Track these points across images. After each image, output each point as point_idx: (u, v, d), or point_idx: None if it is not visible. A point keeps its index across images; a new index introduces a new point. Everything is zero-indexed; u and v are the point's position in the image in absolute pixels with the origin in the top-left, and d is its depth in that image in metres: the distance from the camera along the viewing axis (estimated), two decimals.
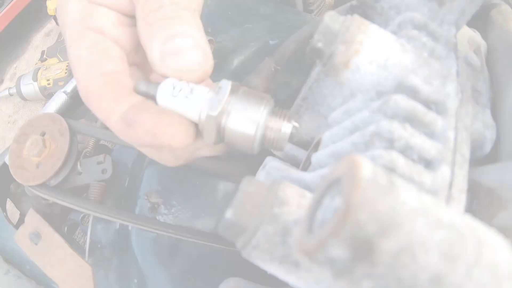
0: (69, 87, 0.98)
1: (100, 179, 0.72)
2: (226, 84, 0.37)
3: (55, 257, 0.61)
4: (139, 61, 0.45)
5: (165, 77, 0.38)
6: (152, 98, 0.38)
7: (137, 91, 0.39)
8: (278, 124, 0.38)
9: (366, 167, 0.20)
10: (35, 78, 1.72)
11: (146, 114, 0.37)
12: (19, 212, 0.87)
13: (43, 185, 0.67)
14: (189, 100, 0.37)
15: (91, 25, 0.38)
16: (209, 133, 0.37)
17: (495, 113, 0.40)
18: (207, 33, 0.86)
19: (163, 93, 0.37)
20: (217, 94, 0.37)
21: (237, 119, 0.37)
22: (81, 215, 0.79)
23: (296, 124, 0.39)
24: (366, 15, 0.52)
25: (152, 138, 0.37)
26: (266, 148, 0.40)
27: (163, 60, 0.36)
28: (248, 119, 0.37)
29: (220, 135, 0.38)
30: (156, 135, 0.36)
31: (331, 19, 0.36)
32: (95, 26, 0.38)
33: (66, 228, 0.78)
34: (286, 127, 0.38)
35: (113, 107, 0.37)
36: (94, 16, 0.38)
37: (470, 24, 0.49)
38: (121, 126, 0.37)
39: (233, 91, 0.37)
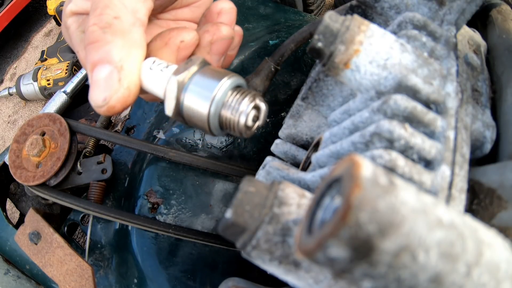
0: (69, 87, 0.98)
1: (100, 179, 0.72)
2: (195, 60, 0.36)
3: (55, 257, 0.61)
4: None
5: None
6: None
7: None
8: (237, 103, 0.34)
9: (366, 167, 0.20)
10: (35, 78, 1.72)
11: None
12: (19, 212, 0.87)
13: (43, 185, 0.67)
14: (162, 73, 0.36)
15: (84, 29, 0.42)
16: (168, 106, 0.36)
17: (495, 113, 0.40)
18: None
19: (144, 66, 0.38)
20: (181, 72, 0.35)
21: (193, 95, 0.35)
22: (81, 215, 0.79)
23: (262, 105, 0.35)
24: (366, 15, 0.52)
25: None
26: (228, 132, 0.37)
27: (90, 91, 0.37)
28: (204, 95, 0.34)
29: (180, 110, 0.36)
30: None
31: (331, 19, 0.36)
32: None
33: (66, 228, 0.78)
34: (246, 107, 0.34)
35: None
36: (85, 22, 0.42)
37: (470, 24, 0.49)
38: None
39: (200, 67, 0.36)
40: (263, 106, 0.35)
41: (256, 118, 0.35)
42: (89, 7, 0.41)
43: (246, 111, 0.34)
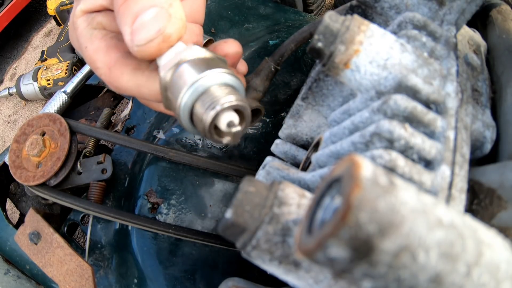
0: (69, 87, 0.98)
1: (100, 179, 0.72)
2: (189, 47, 0.34)
3: (55, 257, 0.61)
4: None
5: (136, 56, 0.38)
6: None
7: None
8: (213, 100, 0.31)
9: (366, 167, 0.20)
10: (35, 78, 1.72)
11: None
12: (19, 212, 0.87)
13: (43, 185, 0.67)
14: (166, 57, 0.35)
15: (96, 26, 0.43)
16: (161, 94, 0.36)
17: (495, 113, 0.40)
18: (210, 33, 0.86)
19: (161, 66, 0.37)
20: (175, 55, 0.34)
21: (174, 80, 0.33)
22: (81, 215, 0.79)
23: (245, 109, 0.31)
24: (366, 15, 0.52)
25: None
26: (199, 130, 0.33)
27: (132, 42, 0.36)
28: (183, 82, 0.32)
29: (168, 99, 0.34)
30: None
31: (331, 19, 0.36)
32: (99, 26, 0.43)
33: (66, 228, 0.78)
34: (219, 105, 0.30)
35: (137, 67, 0.40)
36: (96, 19, 0.43)
37: (470, 24, 0.49)
38: (148, 76, 0.40)
39: (196, 56, 0.34)
40: (245, 111, 0.31)
41: (231, 123, 0.31)
42: (99, 3, 0.42)
43: (216, 110, 0.30)
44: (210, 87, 0.31)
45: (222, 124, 0.31)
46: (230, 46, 0.46)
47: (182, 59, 0.34)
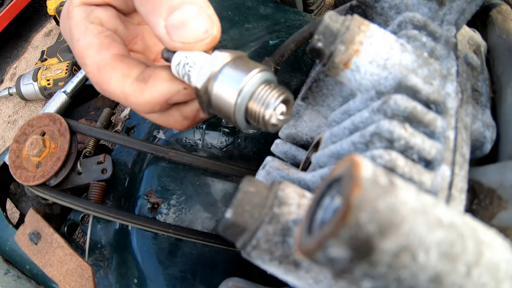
0: (69, 87, 0.98)
1: (100, 179, 0.72)
2: (222, 53, 0.37)
3: (55, 257, 0.61)
4: (138, 50, 0.48)
5: (174, 50, 0.38)
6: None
7: (162, 56, 0.41)
8: (265, 97, 0.34)
9: (366, 167, 0.20)
10: (35, 78, 1.72)
11: (160, 69, 0.40)
12: (19, 212, 0.87)
13: (43, 185, 0.67)
14: (191, 73, 0.37)
15: (93, 20, 0.42)
16: (200, 101, 0.37)
17: (495, 113, 0.40)
18: None
19: (173, 65, 0.38)
20: (211, 62, 0.36)
21: (221, 86, 0.35)
22: (81, 215, 0.79)
23: (290, 99, 0.35)
24: (366, 15, 0.52)
25: (168, 85, 0.39)
26: (255, 125, 0.36)
27: (170, 35, 0.36)
28: (232, 86, 0.34)
29: (208, 104, 0.37)
30: (171, 80, 0.39)
31: (331, 19, 0.36)
32: (97, 20, 0.42)
33: (66, 228, 0.78)
34: (273, 100, 0.34)
35: (127, 73, 0.40)
36: (95, 13, 0.42)
37: (470, 24, 0.49)
38: (136, 86, 0.39)
39: (231, 58, 0.36)
40: (291, 100, 0.35)
41: (283, 113, 0.35)
42: None
43: (274, 105, 0.34)
44: (258, 86, 0.35)
45: (276, 116, 0.34)
46: None
47: (219, 64, 0.36)
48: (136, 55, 0.47)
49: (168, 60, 0.40)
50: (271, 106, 0.34)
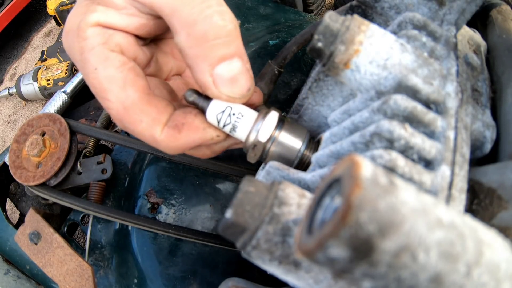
0: (69, 87, 0.98)
1: (100, 179, 0.72)
2: (274, 114, 0.43)
3: (55, 257, 0.61)
4: (151, 73, 0.47)
5: (218, 99, 0.40)
6: (199, 108, 0.42)
7: (186, 100, 0.41)
8: (310, 153, 0.44)
9: (366, 167, 0.20)
10: (35, 78, 1.72)
11: (192, 115, 0.40)
12: (19, 212, 0.87)
13: (43, 185, 0.67)
14: (239, 124, 0.41)
15: (114, 48, 0.39)
16: (255, 154, 0.43)
17: (495, 113, 0.40)
18: None
19: (212, 112, 0.41)
20: (264, 120, 0.41)
21: (282, 147, 0.42)
22: (81, 215, 0.79)
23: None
24: (366, 15, 0.52)
25: (202, 133, 0.40)
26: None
27: (217, 85, 0.38)
28: (291, 147, 0.43)
29: (262, 156, 0.43)
30: (205, 129, 0.40)
31: (331, 19, 0.36)
32: (118, 48, 0.39)
33: (66, 228, 0.78)
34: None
35: (157, 118, 0.39)
36: (115, 39, 0.39)
37: (470, 24, 0.49)
38: (169, 134, 0.39)
39: (280, 120, 0.43)
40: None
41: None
42: (124, 23, 0.39)
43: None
44: (306, 145, 0.44)
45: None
46: (257, 97, 0.47)
47: (272, 128, 0.42)
48: (152, 80, 0.45)
49: (195, 104, 0.41)
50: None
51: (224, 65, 0.37)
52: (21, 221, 0.87)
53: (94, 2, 0.39)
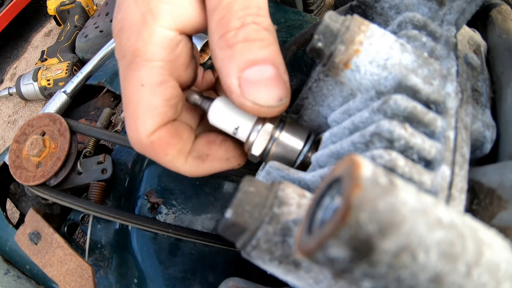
0: (69, 87, 0.98)
1: (100, 179, 0.72)
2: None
3: (55, 257, 0.61)
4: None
5: (241, 107, 0.35)
6: (201, 110, 0.42)
7: (188, 101, 0.41)
8: (311, 153, 0.44)
9: (366, 167, 0.20)
10: (35, 78, 1.72)
11: (216, 146, 0.41)
12: (19, 212, 0.87)
13: (43, 185, 0.67)
14: (241, 123, 0.40)
15: (174, 71, 0.37)
16: (257, 149, 0.42)
17: (495, 113, 0.40)
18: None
19: (216, 112, 0.40)
20: (264, 121, 0.40)
21: (282, 147, 0.42)
22: (81, 215, 0.79)
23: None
24: (366, 15, 0.52)
25: (225, 163, 0.41)
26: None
27: (242, 90, 0.34)
28: (291, 147, 0.42)
29: (263, 156, 0.42)
30: (229, 159, 0.42)
31: (331, 19, 0.36)
32: (176, 73, 0.38)
33: (66, 228, 0.78)
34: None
35: (182, 149, 0.39)
36: (179, 61, 0.38)
37: (470, 24, 0.49)
38: (193, 164, 0.40)
39: (280, 120, 0.42)
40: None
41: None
42: (196, 21, 0.37)
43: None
44: (308, 147, 0.44)
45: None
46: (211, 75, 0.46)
47: (274, 132, 0.42)
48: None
49: (195, 105, 0.41)
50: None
51: (254, 68, 0.33)
52: (21, 221, 0.87)
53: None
